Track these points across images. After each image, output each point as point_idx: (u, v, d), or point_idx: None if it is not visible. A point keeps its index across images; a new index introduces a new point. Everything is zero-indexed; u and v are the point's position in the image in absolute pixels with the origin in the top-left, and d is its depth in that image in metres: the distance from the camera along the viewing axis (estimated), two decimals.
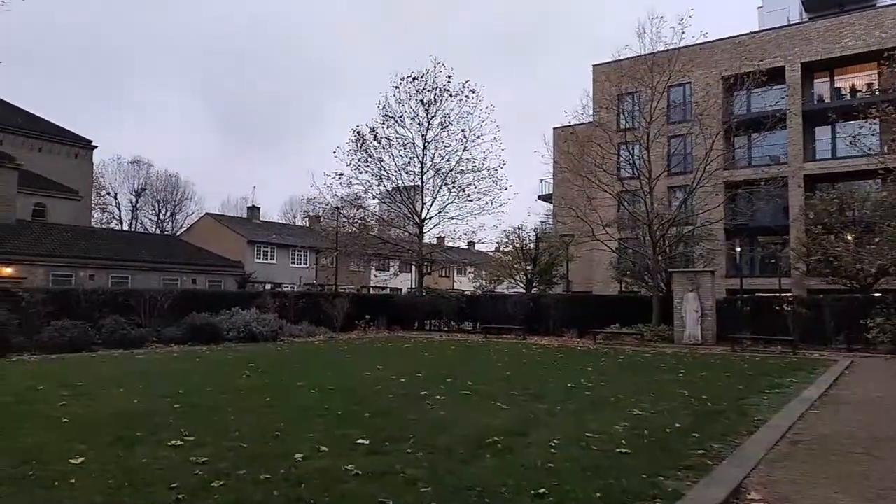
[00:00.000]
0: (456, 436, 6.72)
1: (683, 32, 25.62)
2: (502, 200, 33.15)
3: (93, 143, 42.91)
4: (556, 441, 6.48)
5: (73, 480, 4.99)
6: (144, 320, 20.00)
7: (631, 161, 28.36)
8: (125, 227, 62.09)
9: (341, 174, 32.77)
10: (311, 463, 5.60)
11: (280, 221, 65.66)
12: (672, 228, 26.57)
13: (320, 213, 38.61)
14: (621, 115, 29.78)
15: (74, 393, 9.43)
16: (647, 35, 26.30)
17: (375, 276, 51.13)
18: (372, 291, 49.81)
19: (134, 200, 65.55)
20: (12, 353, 15.82)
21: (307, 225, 54.39)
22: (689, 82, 33.97)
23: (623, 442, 6.53)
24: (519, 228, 32.93)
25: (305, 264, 51.40)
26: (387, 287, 49.20)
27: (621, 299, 28.34)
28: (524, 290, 30.93)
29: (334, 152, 46.37)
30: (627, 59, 27.83)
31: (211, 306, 22.20)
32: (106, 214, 63.17)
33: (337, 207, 33.81)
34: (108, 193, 63.76)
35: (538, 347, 20.29)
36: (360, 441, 6.38)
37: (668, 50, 25.98)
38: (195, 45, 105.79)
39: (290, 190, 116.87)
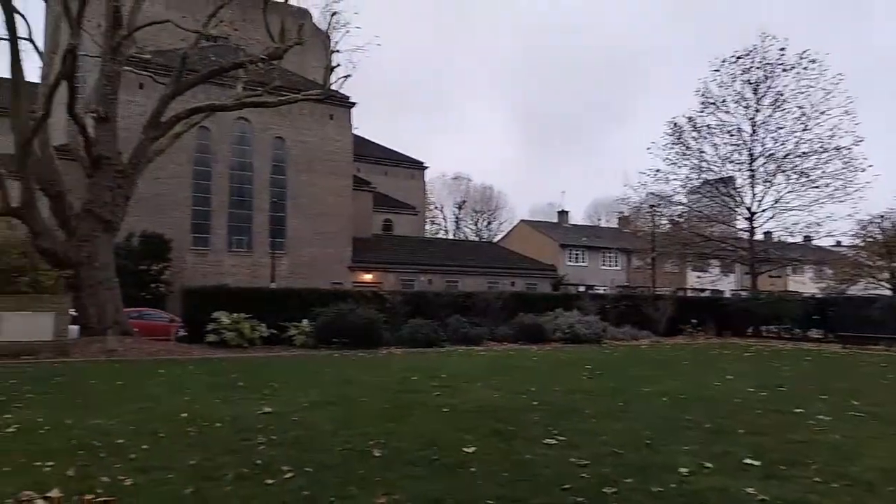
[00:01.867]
0: (871, 467, 5.55)
1: None
2: (858, 185, 27.39)
3: (424, 164, 49.00)
4: None
5: (472, 469, 5.34)
6: (480, 320, 21.71)
7: None
8: (450, 237, 69.37)
9: (657, 170, 31.32)
10: (701, 480, 5.12)
11: (586, 224, 66.01)
12: None
13: (631, 213, 37.56)
14: None
15: (441, 384, 10.49)
16: None
17: (699, 276, 47.67)
18: (689, 294, 46.61)
19: (456, 212, 73.16)
20: (382, 346, 18.59)
21: (615, 226, 53.65)
22: None
23: None
24: (881, 217, 27.32)
25: (616, 266, 50.65)
26: (706, 289, 45.54)
27: None
28: (892, 292, 25.52)
29: (648, 148, 45.17)
30: None
31: (534, 307, 23.20)
32: (434, 226, 71.75)
33: (652, 206, 32.46)
34: (436, 207, 72.43)
35: None
36: (747, 461, 5.68)
37: None
38: (499, 57, 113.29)
39: (592, 192, 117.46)
